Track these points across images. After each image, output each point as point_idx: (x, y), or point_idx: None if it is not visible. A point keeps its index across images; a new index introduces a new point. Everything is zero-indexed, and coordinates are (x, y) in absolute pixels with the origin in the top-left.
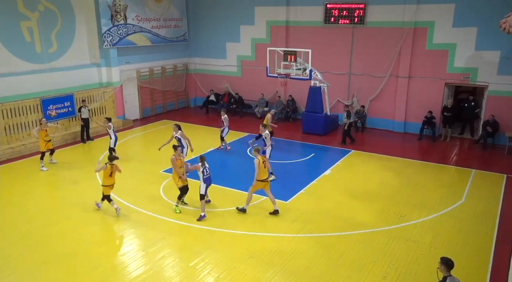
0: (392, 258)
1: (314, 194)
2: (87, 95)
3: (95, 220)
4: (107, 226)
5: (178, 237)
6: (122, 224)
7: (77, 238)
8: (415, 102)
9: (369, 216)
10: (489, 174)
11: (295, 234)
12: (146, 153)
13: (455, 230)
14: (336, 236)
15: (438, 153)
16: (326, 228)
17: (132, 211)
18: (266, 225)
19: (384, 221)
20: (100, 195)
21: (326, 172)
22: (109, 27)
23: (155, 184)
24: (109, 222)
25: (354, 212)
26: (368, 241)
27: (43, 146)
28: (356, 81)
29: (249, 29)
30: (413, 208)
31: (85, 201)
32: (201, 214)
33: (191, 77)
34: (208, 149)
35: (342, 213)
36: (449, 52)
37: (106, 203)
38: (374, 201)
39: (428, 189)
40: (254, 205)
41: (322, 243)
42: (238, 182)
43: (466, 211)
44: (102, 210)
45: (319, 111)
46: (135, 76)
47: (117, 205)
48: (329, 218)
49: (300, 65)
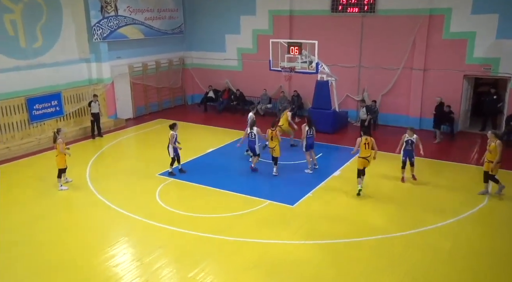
0: (408, 266)
1: (322, 197)
2: (75, 93)
3: (85, 227)
4: (98, 234)
5: (176, 246)
6: (115, 231)
7: (65, 247)
8: (431, 96)
9: (383, 220)
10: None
11: (302, 241)
12: (140, 155)
13: (477, 236)
14: (346, 242)
15: (457, 151)
16: (335, 234)
17: (126, 217)
18: (270, 231)
19: (399, 225)
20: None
21: (335, 173)
22: (99, 19)
23: (150, 188)
24: (100, 229)
25: (366, 216)
26: (381, 247)
27: (63, 161)
28: (367, 75)
29: (250, 19)
30: (431, 211)
31: (75, 206)
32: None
33: (188, 72)
34: (207, 149)
35: (352, 217)
36: (468, 42)
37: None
38: (388, 204)
39: (446, 190)
40: (256, 210)
41: (331, 250)
42: (238, 185)
43: (489, 215)
44: (92, 215)
45: (327, 108)
46: (127, 72)
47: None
48: (339, 223)
49: (306, 58)
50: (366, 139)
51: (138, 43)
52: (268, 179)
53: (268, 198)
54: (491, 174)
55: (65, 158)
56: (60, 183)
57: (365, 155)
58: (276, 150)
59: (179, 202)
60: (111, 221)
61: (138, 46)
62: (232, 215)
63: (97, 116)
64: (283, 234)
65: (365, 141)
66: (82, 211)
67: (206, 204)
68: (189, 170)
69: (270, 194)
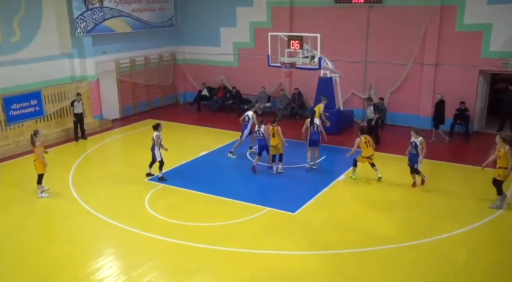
0: (419, 278)
1: (326, 204)
2: (57, 91)
3: (68, 238)
4: (81, 245)
5: (168, 257)
6: (100, 242)
7: (46, 260)
8: (444, 94)
9: (392, 228)
10: None
11: (305, 251)
12: (128, 158)
13: (495, 245)
14: (353, 253)
15: (472, 153)
16: (341, 243)
17: (112, 227)
18: (270, 241)
19: (410, 234)
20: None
21: (340, 178)
22: (82, 11)
23: (139, 194)
24: (84, 240)
25: (373, 224)
26: (391, 258)
27: (43, 165)
28: (373, 71)
29: (247, 11)
30: (444, 218)
31: (57, 214)
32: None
33: (179, 68)
34: (200, 152)
35: (359, 225)
36: (484, 34)
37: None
38: (397, 211)
39: (461, 195)
40: (254, 218)
41: (337, 261)
42: (234, 191)
43: (508, 222)
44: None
45: (331, 107)
46: (113, 69)
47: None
48: (344, 231)
49: (308, 53)
50: (366, 138)
51: (125, 37)
52: (267, 184)
53: (268, 204)
54: (498, 179)
55: (43, 162)
56: (40, 189)
57: (369, 154)
58: (279, 147)
59: (170, 210)
60: (96, 231)
61: (125, 41)
62: (228, 223)
63: (81, 117)
64: (284, 244)
65: (365, 140)
66: (65, 220)
67: (200, 211)
68: (181, 175)
69: (270, 200)
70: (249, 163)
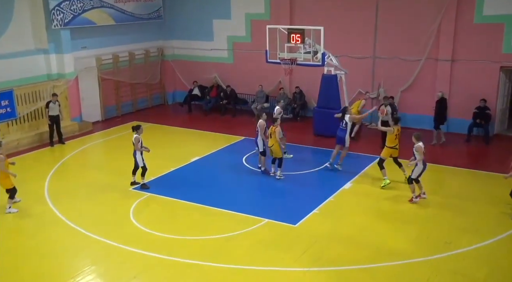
0: None
1: (330, 215)
2: (31, 90)
3: (44, 254)
4: (59, 262)
5: (154, 275)
6: (79, 259)
7: (20, 278)
8: (461, 93)
9: (404, 242)
10: None
11: (308, 267)
12: (110, 165)
13: None
14: (360, 269)
15: (493, 159)
16: (348, 258)
17: (93, 241)
18: (268, 256)
19: (424, 249)
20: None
21: (346, 186)
22: (59, 1)
23: (123, 205)
24: (62, 256)
25: (383, 237)
26: (403, 275)
27: (9, 180)
28: (382, 67)
29: (243, 2)
30: (462, 231)
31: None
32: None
33: (168, 65)
34: (191, 158)
35: (368, 239)
36: (505, 27)
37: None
38: (410, 223)
39: (480, 206)
40: (252, 231)
41: (342, 279)
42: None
43: None
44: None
45: (335, 107)
46: (94, 66)
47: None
48: (351, 245)
49: (310, 48)
50: (398, 130)
51: (108, 30)
52: (266, 193)
53: (266, 215)
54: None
55: (10, 176)
56: (9, 204)
57: (394, 144)
58: (274, 149)
59: (158, 222)
60: (75, 247)
61: (108, 34)
62: (223, 236)
63: (57, 119)
64: (283, 259)
65: (397, 132)
66: (40, 234)
67: (191, 224)
68: (170, 183)
69: (268, 210)
70: (245, 169)
